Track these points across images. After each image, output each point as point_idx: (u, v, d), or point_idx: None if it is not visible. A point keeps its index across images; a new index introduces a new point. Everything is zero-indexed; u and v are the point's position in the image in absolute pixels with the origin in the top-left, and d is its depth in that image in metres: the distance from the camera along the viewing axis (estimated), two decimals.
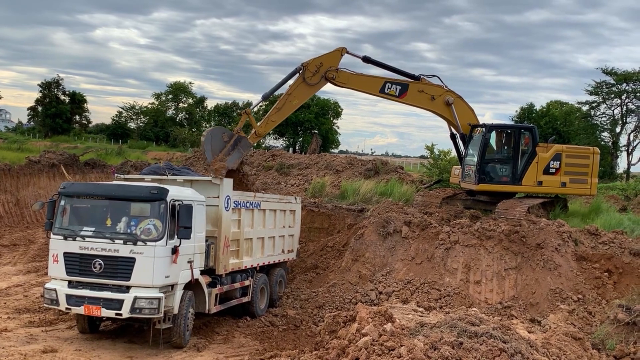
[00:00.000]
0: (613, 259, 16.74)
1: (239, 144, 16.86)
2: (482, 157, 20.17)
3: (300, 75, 17.89)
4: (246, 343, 13.80)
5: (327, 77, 18.34)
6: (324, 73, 18.21)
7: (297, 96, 18.09)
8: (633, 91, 54.95)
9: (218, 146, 16.46)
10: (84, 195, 13.07)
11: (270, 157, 33.88)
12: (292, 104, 18.04)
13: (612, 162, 56.52)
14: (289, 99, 17.93)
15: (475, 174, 20.21)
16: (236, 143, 16.77)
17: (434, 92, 19.92)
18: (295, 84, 17.94)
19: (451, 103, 20.21)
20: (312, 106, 78.20)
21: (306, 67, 17.87)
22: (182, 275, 12.71)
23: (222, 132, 16.98)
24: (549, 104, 69.84)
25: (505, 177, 20.55)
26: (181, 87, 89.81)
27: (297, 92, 18.01)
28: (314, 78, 18.01)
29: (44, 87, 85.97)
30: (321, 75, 18.16)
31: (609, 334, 12.09)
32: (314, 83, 18.11)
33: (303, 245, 20.35)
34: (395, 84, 19.62)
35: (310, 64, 17.90)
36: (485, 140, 20.32)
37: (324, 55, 18.36)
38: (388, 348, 7.88)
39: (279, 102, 18.09)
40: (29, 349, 11.88)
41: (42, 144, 57.57)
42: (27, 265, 19.98)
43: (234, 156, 16.57)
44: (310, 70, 17.91)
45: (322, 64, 18.08)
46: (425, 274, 17.10)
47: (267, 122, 18.12)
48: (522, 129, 21.33)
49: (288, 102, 17.92)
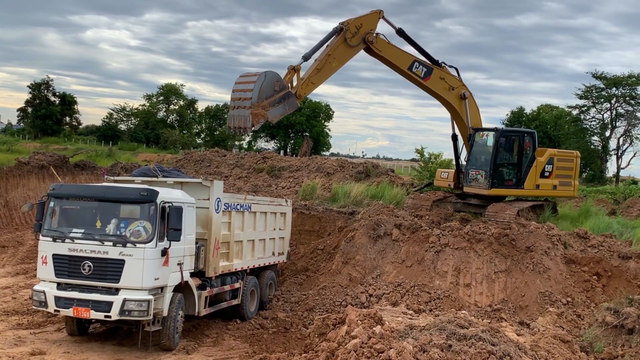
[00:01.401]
0: (602, 262, 16.84)
1: (287, 99, 15.90)
2: (494, 161, 20.23)
3: (341, 35, 17.15)
4: (236, 346, 13.77)
5: (367, 40, 17.65)
6: (364, 35, 17.54)
7: (337, 57, 17.29)
8: (622, 95, 55.39)
9: (266, 92, 15.41)
10: (74, 196, 13.01)
11: (261, 159, 33.84)
12: (331, 66, 17.24)
13: (602, 166, 56.90)
14: (328, 59, 17.11)
15: (487, 179, 20.19)
16: (284, 97, 15.80)
17: (452, 83, 19.71)
18: (335, 44, 17.17)
19: (466, 97, 20.04)
20: (303, 109, 78.26)
21: (347, 27, 17.16)
22: (172, 277, 12.67)
23: (276, 80, 15.75)
24: (539, 107, 70.37)
25: (510, 181, 20.71)
26: (172, 89, 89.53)
27: (336, 53, 17.21)
28: (354, 39, 17.32)
29: (33, 88, 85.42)
30: (361, 37, 17.48)
31: (597, 337, 12.15)
32: (354, 45, 17.42)
33: (293, 247, 20.34)
34: (422, 65, 19.18)
35: (350, 24, 17.21)
36: (500, 144, 20.38)
37: (362, 16, 17.73)
38: (377, 350, 7.89)
39: (319, 63, 17.11)
40: (17, 351, 11.81)
41: (31, 146, 57.22)
42: (15, 267, 19.86)
43: (277, 110, 15.65)
44: (350, 30, 17.19)
45: (361, 25, 17.42)
46: (415, 277, 17.13)
47: (307, 83, 16.94)
48: (525, 134, 21.50)
49: (328, 64, 17.12)
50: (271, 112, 15.38)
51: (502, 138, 20.48)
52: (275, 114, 15.62)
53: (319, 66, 16.98)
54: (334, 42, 17.13)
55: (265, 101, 15.23)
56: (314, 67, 16.91)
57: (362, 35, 17.48)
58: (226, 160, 34.45)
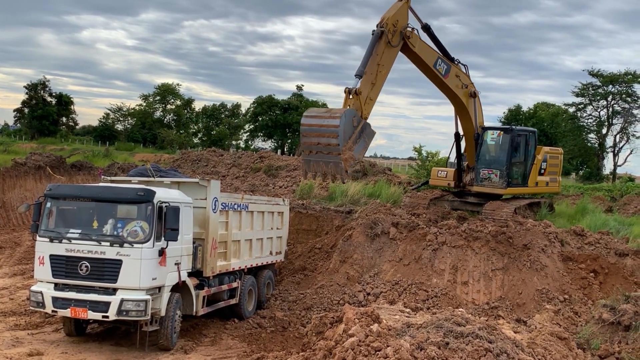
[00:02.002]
0: (599, 259, 16.88)
1: (364, 130, 15.10)
2: (510, 160, 20.29)
3: (383, 38, 16.08)
4: (234, 345, 13.78)
5: (404, 36, 16.70)
6: (402, 30, 16.63)
7: (385, 63, 16.30)
8: (619, 93, 55.42)
9: (348, 132, 14.72)
10: (70, 197, 13.01)
11: (258, 158, 33.86)
12: (382, 75, 16.30)
13: (599, 163, 56.95)
14: (379, 69, 16.12)
15: (503, 178, 20.23)
16: (362, 129, 15.01)
17: (465, 81, 19.40)
18: (380, 51, 16.09)
19: (476, 95, 19.82)
20: (300, 108, 78.29)
21: (387, 28, 16.08)
22: (169, 277, 12.68)
23: (353, 116, 14.89)
24: (536, 105, 70.39)
25: (518, 179, 20.82)
26: (169, 89, 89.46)
27: (384, 59, 16.19)
28: (395, 38, 16.29)
29: (30, 89, 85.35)
30: (400, 34, 16.51)
31: (594, 334, 12.19)
32: (395, 44, 16.43)
33: (291, 247, 20.34)
34: (444, 62, 18.58)
35: (388, 23, 16.14)
36: (515, 143, 20.44)
37: (396, 11, 16.61)
38: (374, 349, 7.90)
39: (371, 77, 16.00)
40: (15, 352, 11.81)
41: (28, 146, 57.17)
42: (13, 267, 19.84)
43: (360, 145, 14.99)
44: (390, 30, 16.15)
45: (397, 20, 16.38)
46: (412, 275, 17.15)
47: (367, 102, 15.92)
48: (531, 132, 21.70)
49: (379, 74, 16.16)
50: (356, 150, 14.73)
51: (517, 137, 20.59)
52: (360, 150, 14.99)
53: (372, 80, 16.02)
54: (379, 49, 16.12)
55: (349, 142, 14.54)
56: (368, 82, 15.88)
57: (400, 32, 16.61)
58: (223, 159, 34.46)
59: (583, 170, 61.80)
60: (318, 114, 14.79)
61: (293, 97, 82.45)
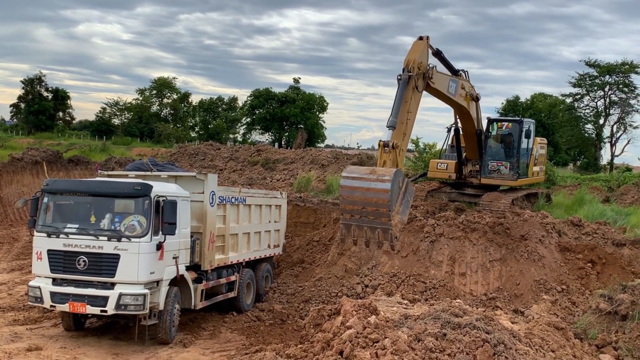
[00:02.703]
0: (596, 249, 16.92)
1: (407, 190, 14.01)
2: (518, 152, 20.34)
3: (411, 84, 14.89)
4: (232, 338, 13.81)
5: (428, 77, 15.62)
6: (426, 72, 15.52)
7: (412, 110, 15.10)
8: (616, 83, 55.45)
9: (396, 194, 13.43)
10: (67, 192, 13.00)
11: (255, 152, 33.86)
12: (411, 122, 15.09)
13: (596, 153, 57.05)
14: (409, 117, 14.89)
15: (514, 170, 20.28)
16: (406, 189, 13.93)
17: (468, 89, 18.68)
18: (410, 97, 14.89)
19: (478, 99, 19.22)
20: (297, 101, 78.22)
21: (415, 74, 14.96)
22: (168, 271, 12.69)
23: (400, 176, 13.63)
24: (533, 96, 70.47)
25: (522, 170, 20.88)
26: (165, 83, 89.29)
27: (412, 106, 14.98)
28: (420, 82, 15.15)
29: (26, 84, 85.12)
30: (423, 77, 15.40)
31: (591, 324, 12.21)
32: (421, 89, 15.39)
33: (289, 240, 20.37)
34: (453, 82, 17.62)
35: (414, 67, 14.97)
36: (524, 135, 20.47)
37: (417, 53, 15.39)
38: (372, 340, 7.93)
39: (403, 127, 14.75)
40: (14, 347, 11.82)
41: (25, 141, 57.07)
42: (11, 263, 19.85)
43: (405, 206, 13.81)
44: (417, 75, 15.03)
45: (421, 62, 15.31)
46: (410, 267, 17.18)
47: (400, 153, 14.69)
48: (532, 124, 21.98)
49: (408, 121, 14.93)
50: (403, 212, 13.63)
51: (524, 129, 20.62)
52: (406, 212, 13.90)
53: (404, 130, 14.81)
54: (407, 95, 14.87)
55: (396, 205, 13.38)
56: (401, 132, 14.60)
57: (423, 74, 15.46)
58: (220, 153, 34.44)
59: (580, 160, 61.95)
60: (361, 175, 13.35)
61: (290, 90, 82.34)
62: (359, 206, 13.28)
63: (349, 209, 13.43)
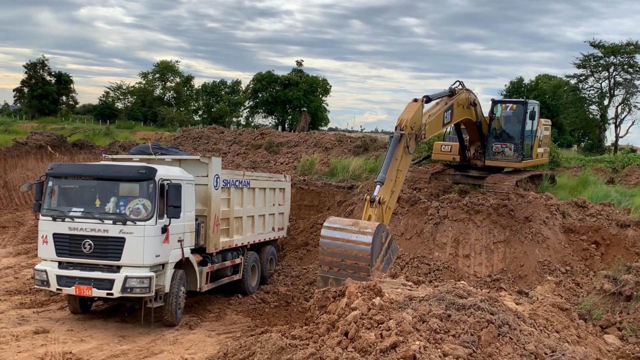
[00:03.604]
0: (600, 230, 16.93)
1: (391, 246, 13.66)
2: (523, 133, 20.24)
3: (404, 142, 14.71)
4: (238, 320, 13.91)
5: (419, 138, 15.55)
6: (418, 132, 15.30)
7: (402, 169, 14.98)
8: (621, 64, 55.12)
9: (378, 249, 13.13)
10: (72, 176, 13.04)
11: (259, 135, 33.75)
12: (400, 181, 14.91)
13: (600, 135, 56.86)
14: (397, 175, 14.66)
15: (518, 152, 20.21)
16: (389, 245, 13.58)
17: (464, 102, 18.21)
18: (400, 155, 14.68)
19: (476, 105, 18.89)
20: (300, 84, 77.92)
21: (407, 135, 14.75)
22: (173, 254, 12.75)
23: (383, 231, 13.39)
24: (537, 77, 70.02)
25: (526, 151, 20.82)
26: (168, 66, 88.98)
27: (402, 165, 14.88)
28: (412, 144, 14.97)
29: (29, 68, 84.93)
30: (414, 139, 15.18)
31: (596, 304, 12.26)
32: (412, 151, 15.24)
33: (293, 222, 20.41)
34: (446, 111, 17.14)
35: (406, 126, 14.77)
36: (528, 116, 20.36)
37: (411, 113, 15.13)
38: (377, 321, 7.95)
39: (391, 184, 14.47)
40: (21, 330, 11.92)
41: (29, 126, 57.05)
42: (16, 247, 19.96)
43: (386, 263, 13.34)
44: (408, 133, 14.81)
45: (415, 123, 15.19)
46: (414, 249, 17.22)
47: (386, 210, 14.40)
48: (536, 105, 21.87)
49: (397, 180, 14.72)
50: (383, 269, 13.12)
51: (529, 110, 20.53)
52: (387, 269, 13.35)
53: (393, 187, 14.53)
54: (398, 153, 14.71)
55: (377, 260, 12.98)
56: (388, 189, 14.25)
57: (415, 135, 15.21)
58: (224, 136, 34.37)
59: (585, 142, 61.74)
60: (343, 227, 12.97)
61: (293, 72, 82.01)
62: (338, 258, 12.78)
63: (328, 261, 12.88)
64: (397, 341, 7.31)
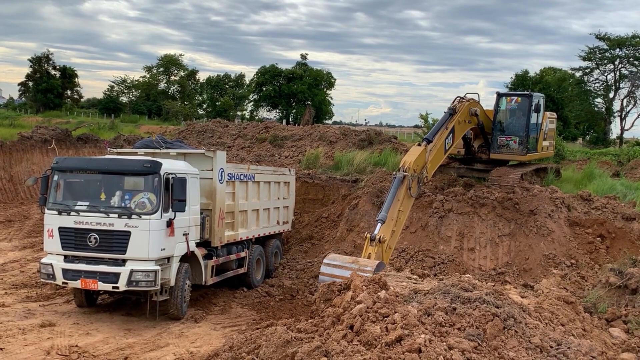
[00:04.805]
0: (606, 223, 16.90)
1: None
2: (528, 126, 20.11)
3: (406, 183, 14.64)
4: (243, 313, 13.95)
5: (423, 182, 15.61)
6: (421, 176, 15.28)
7: (404, 209, 14.86)
8: (626, 56, 54.77)
9: None
10: (77, 169, 13.05)
11: (263, 129, 33.76)
12: (401, 221, 14.81)
13: (606, 128, 56.62)
14: (399, 215, 14.55)
15: (523, 145, 20.04)
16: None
17: (465, 117, 17.96)
18: (402, 196, 14.56)
19: (477, 115, 18.59)
20: (305, 77, 77.86)
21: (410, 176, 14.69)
22: (178, 247, 12.78)
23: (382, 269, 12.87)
24: (542, 70, 69.66)
25: (531, 145, 20.73)
26: (172, 60, 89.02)
27: (404, 206, 14.76)
28: (414, 188, 14.92)
29: (34, 62, 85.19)
30: (418, 182, 15.11)
31: (601, 298, 12.25)
32: (414, 195, 15.17)
33: (298, 216, 20.43)
34: (446, 138, 16.91)
35: (409, 168, 14.72)
36: (534, 109, 20.21)
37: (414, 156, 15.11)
38: (382, 315, 7.96)
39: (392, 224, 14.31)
40: (27, 323, 11.97)
41: (34, 120, 57.24)
42: (22, 241, 20.03)
43: None
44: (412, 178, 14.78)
45: (418, 166, 15.15)
46: (419, 243, 17.22)
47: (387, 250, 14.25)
48: (541, 98, 21.74)
49: (399, 220, 14.62)
50: None
51: (534, 103, 20.44)
52: None
53: (394, 227, 14.39)
54: (400, 194, 14.55)
55: None
56: (389, 228, 14.10)
57: (417, 179, 15.14)
58: (228, 130, 34.38)
59: (590, 135, 61.45)
60: (342, 264, 12.83)
61: (297, 66, 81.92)
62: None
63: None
64: (402, 334, 7.32)
